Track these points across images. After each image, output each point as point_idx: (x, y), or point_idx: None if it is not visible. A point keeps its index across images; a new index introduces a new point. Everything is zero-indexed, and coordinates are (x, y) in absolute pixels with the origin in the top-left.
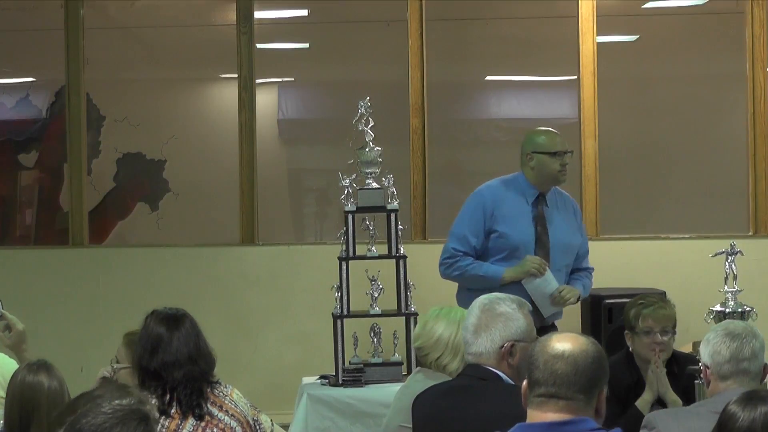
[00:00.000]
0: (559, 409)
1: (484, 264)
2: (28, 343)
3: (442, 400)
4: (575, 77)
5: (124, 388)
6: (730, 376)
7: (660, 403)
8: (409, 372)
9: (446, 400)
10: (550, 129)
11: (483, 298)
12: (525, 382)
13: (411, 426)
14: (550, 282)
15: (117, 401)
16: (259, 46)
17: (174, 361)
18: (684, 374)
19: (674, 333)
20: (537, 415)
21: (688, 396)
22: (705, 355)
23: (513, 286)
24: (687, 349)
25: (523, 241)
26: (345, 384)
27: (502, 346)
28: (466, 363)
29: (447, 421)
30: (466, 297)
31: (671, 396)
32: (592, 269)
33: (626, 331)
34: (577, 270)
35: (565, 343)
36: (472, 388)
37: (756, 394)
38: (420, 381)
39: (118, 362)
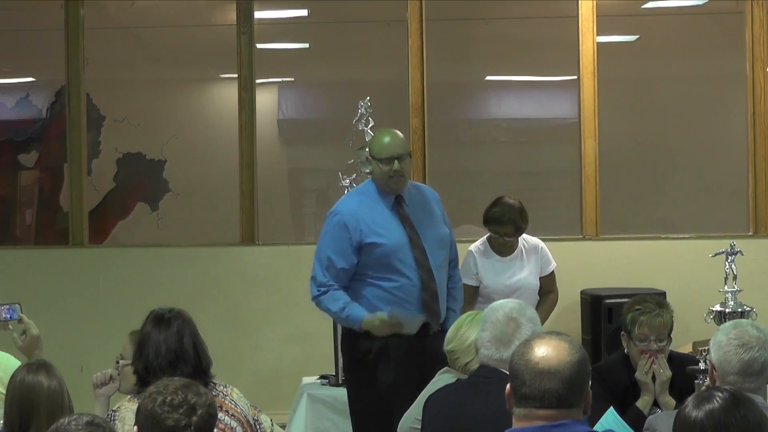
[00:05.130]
0: (551, 417)
1: (348, 306)
2: (41, 349)
3: (451, 398)
4: (575, 77)
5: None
6: (735, 384)
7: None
8: None
9: (455, 397)
10: (388, 131)
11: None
12: (509, 388)
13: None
14: (412, 320)
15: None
16: (259, 46)
17: (155, 364)
18: (680, 375)
19: (670, 340)
20: (529, 419)
21: (684, 396)
22: (714, 357)
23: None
24: (687, 349)
25: (397, 245)
26: (345, 384)
27: None
28: (480, 363)
29: (455, 418)
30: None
31: (663, 398)
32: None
33: (622, 333)
34: (452, 279)
35: (548, 353)
36: (481, 385)
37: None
38: (446, 381)
39: (123, 359)
